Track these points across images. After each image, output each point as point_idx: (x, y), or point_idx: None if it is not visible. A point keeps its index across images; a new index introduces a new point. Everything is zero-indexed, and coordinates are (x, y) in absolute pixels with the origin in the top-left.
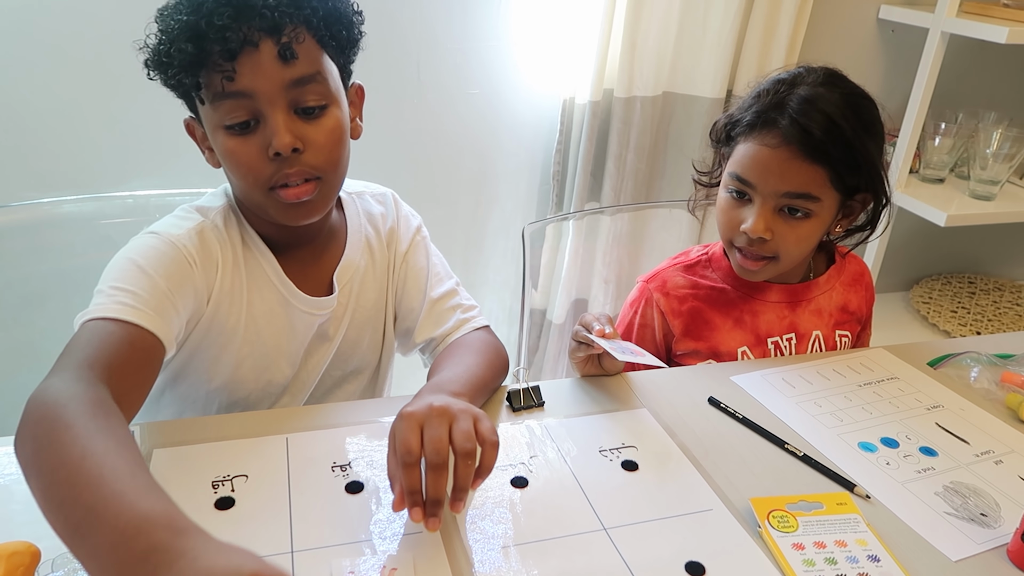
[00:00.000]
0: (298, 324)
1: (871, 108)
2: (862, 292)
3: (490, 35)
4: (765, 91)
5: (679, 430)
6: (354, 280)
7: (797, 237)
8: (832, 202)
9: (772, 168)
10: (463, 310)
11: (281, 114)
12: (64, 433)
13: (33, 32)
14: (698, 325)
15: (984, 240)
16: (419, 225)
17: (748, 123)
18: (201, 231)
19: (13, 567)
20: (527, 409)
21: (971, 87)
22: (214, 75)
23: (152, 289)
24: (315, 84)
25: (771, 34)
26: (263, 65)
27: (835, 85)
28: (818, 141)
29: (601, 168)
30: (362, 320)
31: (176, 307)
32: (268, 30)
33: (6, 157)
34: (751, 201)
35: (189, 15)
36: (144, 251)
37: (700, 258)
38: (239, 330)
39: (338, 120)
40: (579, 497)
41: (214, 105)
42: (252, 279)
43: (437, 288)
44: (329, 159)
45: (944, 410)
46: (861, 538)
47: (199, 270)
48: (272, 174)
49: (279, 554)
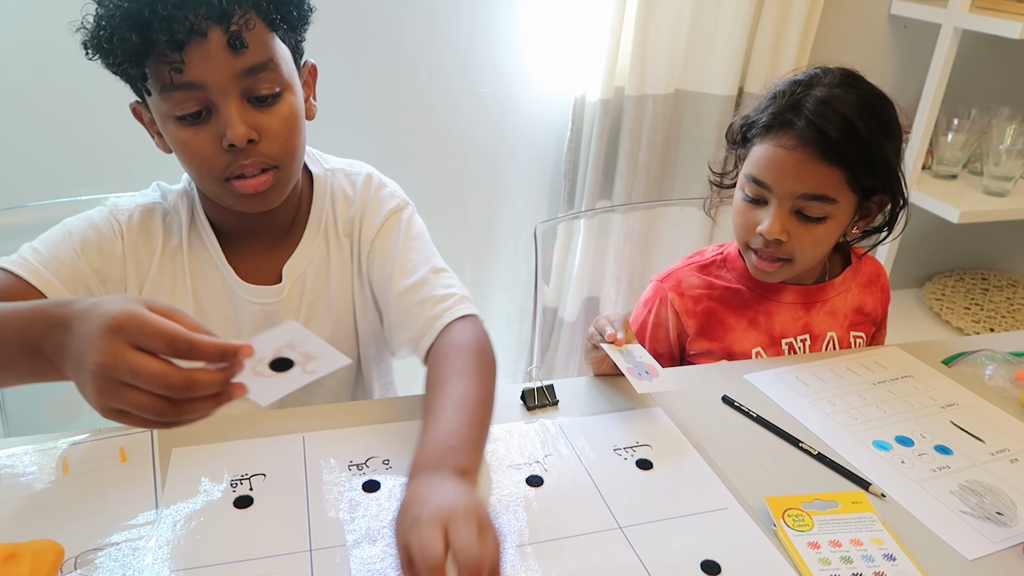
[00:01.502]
0: (242, 312)
1: (888, 109)
2: (878, 293)
3: (500, 33)
4: (781, 92)
5: (693, 429)
6: (307, 272)
7: (813, 239)
8: (849, 204)
9: (788, 170)
10: (432, 304)
11: (234, 104)
12: None
13: (42, 28)
14: (712, 325)
15: (997, 236)
16: (396, 207)
17: (764, 124)
18: (148, 209)
19: (38, 565)
20: (541, 408)
21: (984, 82)
22: (161, 66)
23: (59, 250)
24: (267, 72)
25: (783, 30)
26: (213, 55)
27: (852, 86)
28: (834, 142)
29: (612, 166)
30: (322, 313)
31: (78, 268)
32: (216, 18)
33: (22, 157)
34: (767, 203)
35: (131, 1)
36: (83, 218)
37: (715, 258)
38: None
39: (292, 106)
40: (594, 496)
41: (163, 96)
42: (197, 264)
43: (405, 279)
44: (285, 147)
45: (959, 408)
46: (877, 537)
47: (126, 244)
48: (227, 165)
49: (297, 552)
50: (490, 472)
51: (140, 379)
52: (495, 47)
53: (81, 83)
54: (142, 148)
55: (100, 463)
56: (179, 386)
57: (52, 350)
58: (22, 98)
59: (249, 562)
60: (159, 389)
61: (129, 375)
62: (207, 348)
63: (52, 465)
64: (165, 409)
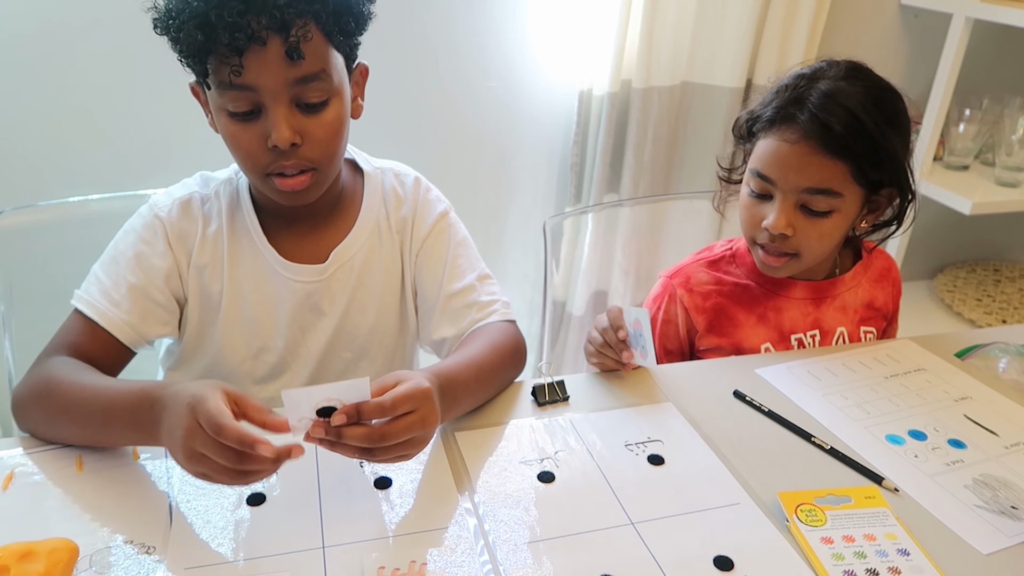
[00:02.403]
0: (283, 290)
1: (895, 101)
2: (888, 288)
3: (508, 28)
4: (785, 87)
5: (705, 424)
6: (355, 259)
7: (819, 233)
8: (855, 197)
9: (792, 164)
10: (478, 308)
11: (283, 109)
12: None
13: (57, 29)
14: (721, 321)
15: (1010, 227)
16: (444, 211)
17: (768, 119)
18: (185, 201)
19: (53, 563)
20: (552, 403)
21: (996, 73)
22: (221, 66)
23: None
24: (318, 82)
25: (792, 20)
26: (269, 63)
27: (857, 79)
28: (838, 135)
29: (620, 159)
30: (364, 300)
31: (139, 288)
32: (277, 28)
33: (35, 157)
34: (772, 198)
35: (199, 1)
36: (131, 233)
37: (724, 253)
38: (223, 293)
39: (338, 113)
40: (606, 492)
41: (219, 91)
42: (236, 244)
43: (455, 282)
44: (326, 152)
45: (972, 401)
46: (890, 532)
47: (171, 238)
48: (269, 163)
49: (310, 549)
50: (501, 468)
51: (209, 452)
52: (503, 41)
53: (93, 81)
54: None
55: (114, 461)
56: (236, 460)
57: (152, 425)
58: (29, 98)
59: (262, 559)
60: (223, 462)
61: (202, 447)
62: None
63: (67, 464)
64: (235, 473)
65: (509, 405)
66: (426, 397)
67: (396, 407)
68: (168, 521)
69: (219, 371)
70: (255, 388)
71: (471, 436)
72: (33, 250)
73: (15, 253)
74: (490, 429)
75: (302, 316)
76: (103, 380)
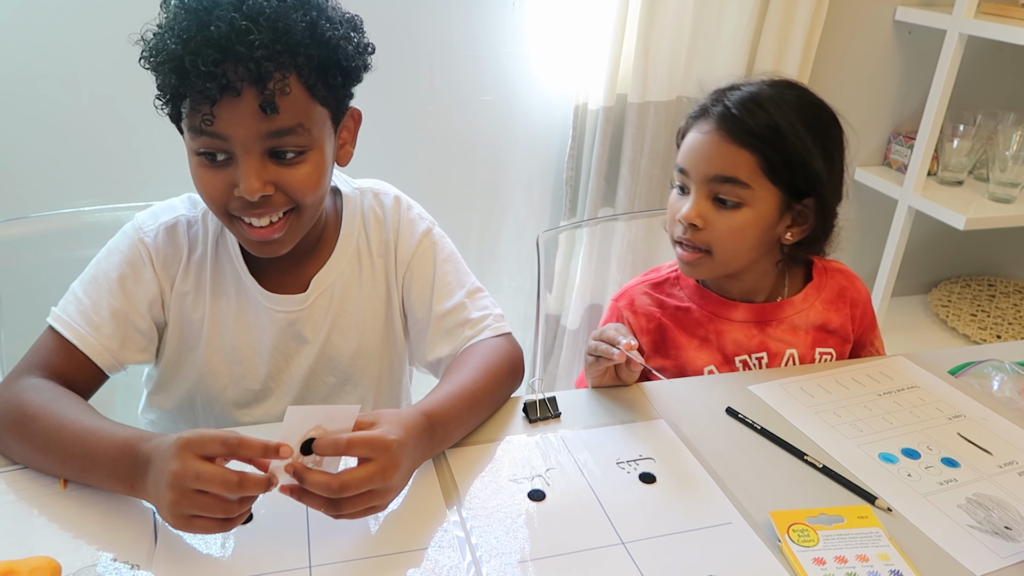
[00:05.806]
0: (264, 320)
1: (824, 117)
2: (846, 309)
3: (504, 42)
4: (716, 89)
5: (697, 441)
6: (336, 285)
7: (729, 227)
8: (768, 195)
9: (703, 153)
10: (471, 326)
11: (254, 161)
12: (37, 422)
13: (49, 42)
14: (665, 343)
15: (1004, 242)
16: (427, 229)
17: (691, 116)
18: (171, 226)
19: None
20: (543, 420)
21: (989, 88)
22: (193, 112)
23: (99, 297)
24: (294, 136)
25: (786, 37)
26: (241, 114)
27: (793, 90)
28: (746, 125)
29: (615, 174)
30: (346, 326)
31: (119, 312)
32: (252, 80)
33: (37, 167)
34: (690, 192)
35: (176, 44)
36: (114, 254)
37: (668, 275)
38: (205, 320)
39: (316, 166)
40: (597, 510)
41: (190, 134)
42: (219, 272)
43: (444, 302)
44: (301, 201)
45: (966, 420)
46: (883, 552)
47: (156, 264)
48: (235, 208)
49: (297, 568)
50: (491, 486)
51: (204, 481)
52: (498, 55)
53: (86, 95)
54: (146, 160)
55: None
56: (235, 482)
57: (135, 477)
58: (24, 110)
59: None
60: (220, 488)
61: (196, 480)
62: (254, 444)
63: (50, 481)
64: (227, 506)
65: (500, 422)
66: (386, 449)
67: (350, 448)
68: (153, 539)
69: (202, 396)
70: (239, 413)
71: (461, 453)
72: (23, 262)
73: (5, 265)
74: (481, 446)
75: (284, 344)
76: (84, 419)
